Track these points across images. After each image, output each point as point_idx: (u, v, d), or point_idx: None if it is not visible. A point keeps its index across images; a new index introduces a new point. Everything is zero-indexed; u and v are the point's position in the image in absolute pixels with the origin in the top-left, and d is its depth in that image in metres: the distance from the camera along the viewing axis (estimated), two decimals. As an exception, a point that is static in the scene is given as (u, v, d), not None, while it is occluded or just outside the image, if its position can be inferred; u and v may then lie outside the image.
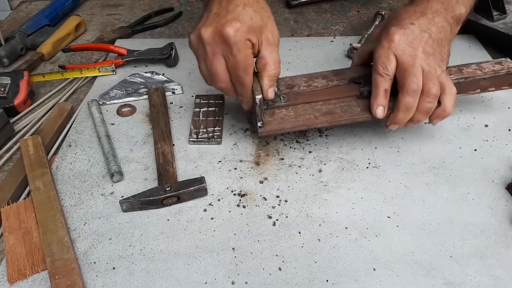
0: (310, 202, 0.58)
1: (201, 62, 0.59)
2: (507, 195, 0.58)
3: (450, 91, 0.58)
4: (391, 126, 0.61)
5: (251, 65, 0.57)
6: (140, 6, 1.08)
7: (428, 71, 0.56)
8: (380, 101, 0.59)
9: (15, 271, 0.50)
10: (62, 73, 0.82)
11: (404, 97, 0.57)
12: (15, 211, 0.56)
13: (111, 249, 0.53)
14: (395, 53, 0.57)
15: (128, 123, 0.71)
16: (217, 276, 0.50)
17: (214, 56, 0.56)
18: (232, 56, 0.55)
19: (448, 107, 0.58)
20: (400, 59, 0.57)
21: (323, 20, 0.99)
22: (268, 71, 0.58)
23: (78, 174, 0.62)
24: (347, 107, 0.62)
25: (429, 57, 0.57)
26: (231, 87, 0.59)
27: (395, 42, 0.57)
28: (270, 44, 0.58)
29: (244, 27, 0.55)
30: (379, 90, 0.59)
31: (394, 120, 0.60)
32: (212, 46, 0.56)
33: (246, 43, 0.55)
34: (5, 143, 0.69)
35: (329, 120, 0.61)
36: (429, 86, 0.56)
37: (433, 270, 0.50)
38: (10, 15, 1.07)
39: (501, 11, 0.85)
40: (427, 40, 0.57)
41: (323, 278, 0.50)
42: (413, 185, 0.60)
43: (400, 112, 0.58)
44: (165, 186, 0.57)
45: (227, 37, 0.54)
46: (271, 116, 0.62)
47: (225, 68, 0.57)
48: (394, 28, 0.58)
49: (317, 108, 0.62)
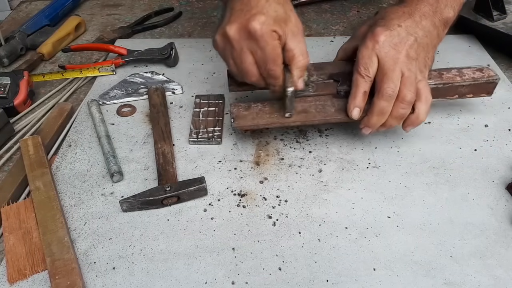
0: (310, 202, 0.58)
1: (230, 60, 0.58)
2: (507, 195, 0.58)
3: (425, 99, 0.58)
4: (364, 129, 0.60)
5: (280, 56, 0.57)
6: (140, 6, 1.08)
7: (408, 77, 0.56)
8: (358, 102, 0.58)
9: (15, 271, 0.50)
10: (62, 73, 0.82)
11: (379, 101, 0.57)
12: (15, 211, 0.56)
13: (111, 249, 0.53)
14: (378, 55, 0.56)
15: (128, 123, 0.71)
16: (217, 276, 0.50)
17: (241, 52, 0.56)
18: (260, 50, 0.55)
19: (421, 115, 0.58)
20: (382, 61, 0.56)
21: (323, 20, 0.99)
22: (296, 62, 0.58)
23: (78, 174, 0.62)
24: (322, 107, 0.62)
25: (411, 61, 0.57)
26: (262, 80, 0.59)
27: (380, 44, 0.56)
28: (295, 35, 0.58)
29: (269, 19, 0.55)
30: (358, 91, 0.58)
31: (368, 123, 0.59)
32: (238, 42, 0.55)
33: (273, 35, 0.55)
34: (5, 143, 0.69)
35: (302, 119, 0.61)
36: (405, 92, 0.56)
37: (433, 270, 0.50)
38: (10, 15, 1.07)
39: (501, 11, 0.85)
40: (412, 44, 0.57)
41: (323, 278, 0.50)
42: (413, 185, 0.60)
43: (374, 115, 0.58)
44: (165, 186, 0.57)
45: (254, 31, 0.54)
46: (247, 110, 0.62)
47: (254, 63, 0.57)
48: (380, 29, 0.57)
49: None
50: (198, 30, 0.97)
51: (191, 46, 0.89)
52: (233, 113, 0.62)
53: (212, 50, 0.87)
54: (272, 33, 0.55)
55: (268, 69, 0.57)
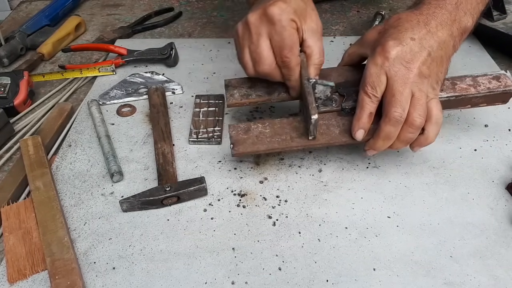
0: (310, 202, 0.58)
1: (245, 47, 0.58)
2: (507, 195, 0.58)
3: (435, 121, 0.54)
4: (369, 151, 0.57)
5: (296, 44, 0.56)
6: (140, 6, 1.08)
7: (418, 98, 0.52)
8: (362, 124, 0.55)
9: (15, 271, 0.50)
10: (62, 73, 0.82)
11: (386, 125, 0.53)
12: (15, 211, 0.56)
13: (111, 249, 0.53)
14: (387, 73, 0.52)
15: (128, 123, 0.71)
16: (217, 276, 0.50)
17: (259, 37, 0.56)
18: (277, 35, 0.55)
19: (430, 137, 0.55)
20: (391, 81, 0.52)
21: (323, 20, 0.99)
22: (314, 60, 0.58)
23: (78, 174, 0.62)
24: (326, 128, 0.58)
25: (423, 80, 0.52)
26: (277, 70, 0.58)
27: (390, 61, 0.52)
28: (314, 33, 0.58)
29: (289, 8, 0.55)
30: (364, 113, 0.54)
31: (373, 146, 0.56)
32: (257, 27, 0.56)
33: (291, 22, 0.55)
34: (5, 143, 0.69)
35: (305, 144, 0.57)
36: (414, 116, 0.52)
37: (433, 270, 0.50)
38: (10, 15, 1.07)
39: (501, 11, 0.85)
40: (425, 60, 0.52)
41: (323, 278, 0.50)
42: (413, 185, 0.60)
43: (380, 139, 0.55)
44: (165, 186, 0.57)
45: (272, 15, 0.55)
46: (246, 133, 0.58)
47: (270, 49, 0.56)
48: (392, 43, 0.52)
49: (294, 126, 0.58)
50: (198, 30, 0.97)
51: (191, 46, 0.89)
52: (232, 138, 0.58)
53: (212, 50, 0.87)
54: (291, 21, 0.55)
55: (283, 55, 0.56)
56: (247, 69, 0.59)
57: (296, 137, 0.58)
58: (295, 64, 0.57)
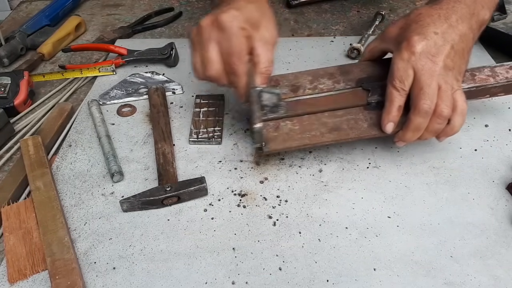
0: (311, 202, 0.58)
1: (196, 51, 0.59)
2: (507, 195, 0.58)
3: (461, 111, 0.56)
4: (399, 143, 0.59)
5: (244, 53, 0.57)
6: (140, 6, 1.08)
7: (444, 90, 0.54)
8: (392, 117, 0.56)
9: (16, 271, 0.50)
10: (62, 73, 0.82)
11: (415, 117, 0.55)
12: (15, 211, 0.56)
13: (111, 249, 0.53)
14: (414, 67, 0.54)
15: (128, 123, 0.71)
16: (218, 276, 0.50)
17: (208, 42, 0.58)
18: (226, 41, 0.56)
19: (456, 126, 0.56)
20: (418, 74, 0.54)
21: (323, 20, 0.99)
22: (259, 68, 0.58)
23: (78, 174, 0.62)
24: (354, 122, 0.59)
25: (448, 72, 0.54)
26: (224, 76, 0.59)
27: (416, 55, 0.54)
28: (265, 42, 0.59)
29: (241, 16, 0.57)
30: (393, 106, 0.56)
31: (403, 138, 0.58)
32: (208, 32, 0.57)
33: (240, 31, 0.56)
34: (5, 143, 0.69)
35: (336, 138, 0.58)
36: (442, 108, 0.54)
37: (433, 270, 0.50)
38: (10, 15, 1.07)
39: (501, 11, 0.85)
40: (449, 53, 0.54)
41: (324, 278, 0.50)
42: (413, 185, 0.60)
43: (409, 131, 0.56)
44: (165, 186, 0.57)
45: (222, 22, 0.56)
46: (276, 130, 0.59)
47: (219, 54, 0.58)
48: (417, 38, 0.54)
49: (323, 122, 0.60)
50: (198, 30, 0.97)
51: (191, 46, 0.89)
52: (264, 136, 0.58)
53: (212, 50, 0.87)
54: (240, 29, 0.56)
55: (231, 62, 0.57)
56: (196, 72, 0.61)
57: (326, 132, 0.59)
58: (242, 71, 0.58)
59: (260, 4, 0.60)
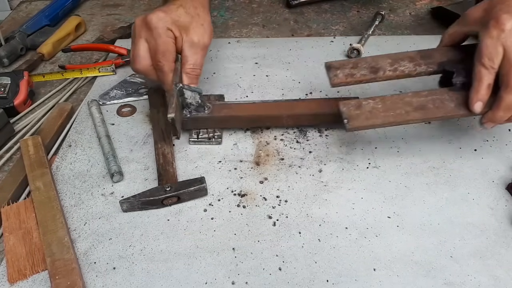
0: (310, 202, 0.58)
1: (131, 45, 0.65)
2: (507, 195, 0.58)
3: None
4: (487, 124, 0.57)
5: (170, 52, 0.63)
6: (140, 6, 1.08)
7: None
8: (481, 96, 0.55)
9: (15, 271, 0.50)
10: (62, 73, 0.82)
11: (508, 95, 0.53)
12: (15, 211, 0.56)
13: (111, 249, 0.53)
14: (504, 45, 0.53)
15: (128, 123, 0.71)
16: (217, 276, 0.50)
17: (138, 39, 0.63)
18: (153, 40, 0.62)
19: None
20: (508, 51, 0.53)
21: (323, 20, 0.99)
22: (185, 69, 0.64)
23: (78, 174, 0.62)
24: (440, 102, 0.58)
25: None
26: (152, 71, 0.64)
27: (506, 32, 0.52)
28: (193, 45, 0.65)
29: (168, 18, 0.63)
30: (482, 84, 0.54)
31: (493, 118, 0.56)
32: (139, 30, 0.63)
33: (167, 31, 0.62)
34: (5, 143, 0.69)
35: (422, 116, 0.57)
36: None
37: (433, 270, 0.50)
38: (10, 15, 1.07)
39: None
40: None
41: (323, 278, 0.50)
42: (413, 185, 0.60)
43: (500, 110, 0.55)
44: (165, 186, 0.57)
45: (149, 22, 0.62)
46: (358, 108, 0.58)
47: (147, 51, 0.63)
48: (506, 16, 0.53)
49: (407, 101, 0.58)
50: (198, 30, 0.97)
51: (191, 46, 0.89)
52: (344, 113, 0.58)
53: (212, 50, 0.87)
54: (167, 30, 0.62)
55: (156, 59, 0.62)
56: (130, 64, 0.66)
57: (412, 111, 0.58)
58: (168, 69, 0.63)
59: (192, 9, 0.66)
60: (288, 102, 0.70)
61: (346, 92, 0.71)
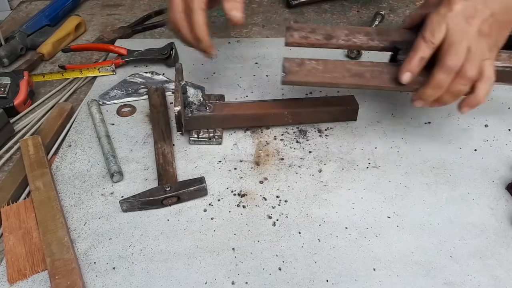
0: (310, 202, 0.58)
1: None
2: (507, 195, 0.58)
3: (487, 79, 0.54)
4: (417, 102, 0.58)
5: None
6: (140, 6, 1.08)
7: (474, 52, 0.53)
8: (412, 67, 0.55)
9: (15, 271, 0.50)
10: (62, 73, 0.82)
11: (438, 72, 0.54)
12: (15, 211, 0.56)
13: (111, 249, 0.53)
14: (448, 25, 0.53)
15: (128, 123, 0.71)
16: (217, 276, 0.50)
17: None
18: None
19: (480, 96, 0.55)
20: (450, 32, 0.53)
21: (323, 20, 0.99)
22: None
23: (78, 174, 0.62)
24: (378, 73, 0.59)
25: (482, 38, 0.53)
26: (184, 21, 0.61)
27: (453, 12, 0.53)
28: None
29: None
30: (416, 55, 0.55)
31: (422, 95, 0.56)
32: None
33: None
34: (5, 143, 0.69)
35: (356, 82, 0.58)
36: (467, 68, 0.53)
37: (433, 270, 0.50)
38: (10, 15, 1.07)
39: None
40: (486, 19, 0.53)
41: (323, 278, 0.50)
42: (413, 185, 0.60)
43: (429, 87, 0.55)
44: (165, 186, 0.57)
45: None
46: (299, 66, 0.60)
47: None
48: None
49: (347, 67, 0.60)
50: (198, 30, 0.97)
51: (191, 46, 0.89)
52: (285, 67, 0.60)
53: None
54: None
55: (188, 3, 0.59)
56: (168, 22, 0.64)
57: (348, 76, 0.59)
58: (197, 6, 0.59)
59: None
60: (289, 100, 0.70)
61: (345, 91, 0.71)
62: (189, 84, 0.63)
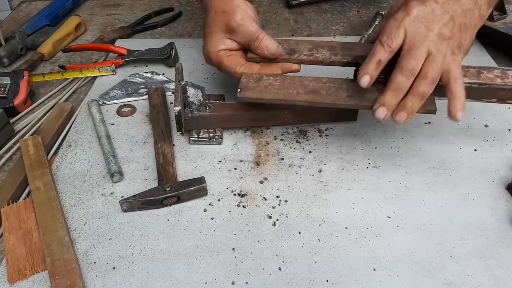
0: (310, 202, 0.58)
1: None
2: (507, 195, 0.58)
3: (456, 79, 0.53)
4: (379, 109, 0.54)
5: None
6: (140, 6, 1.08)
7: (434, 56, 0.53)
8: (370, 70, 0.54)
9: (15, 271, 0.50)
10: (62, 73, 0.82)
11: (397, 75, 0.53)
12: (15, 211, 0.56)
13: (111, 249, 0.53)
14: (406, 29, 0.53)
15: (128, 123, 0.71)
16: (217, 276, 0.50)
17: None
18: None
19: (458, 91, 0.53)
20: (409, 37, 0.53)
21: (323, 20, 0.99)
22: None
23: (78, 174, 0.62)
24: (334, 90, 0.59)
25: (442, 41, 0.53)
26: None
27: (410, 17, 0.53)
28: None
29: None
30: (373, 58, 0.54)
31: (382, 100, 0.54)
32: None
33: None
34: (5, 143, 0.69)
35: (310, 99, 0.59)
36: (428, 69, 0.52)
37: (433, 270, 0.50)
38: (10, 15, 1.07)
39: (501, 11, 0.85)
40: (446, 22, 0.53)
41: (323, 278, 0.50)
42: (413, 185, 0.60)
43: (389, 91, 0.53)
44: (165, 186, 0.57)
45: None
46: (256, 82, 0.61)
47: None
48: (415, 3, 0.54)
49: (304, 84, 0.61)
50: (198, 30, 0.97)
51: (191, 46, 0.89)
52: (242, 83, 0.61)
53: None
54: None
55: None
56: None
57: (303, 93, 0.59)
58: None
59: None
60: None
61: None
62: (189, 84, 0.63)
